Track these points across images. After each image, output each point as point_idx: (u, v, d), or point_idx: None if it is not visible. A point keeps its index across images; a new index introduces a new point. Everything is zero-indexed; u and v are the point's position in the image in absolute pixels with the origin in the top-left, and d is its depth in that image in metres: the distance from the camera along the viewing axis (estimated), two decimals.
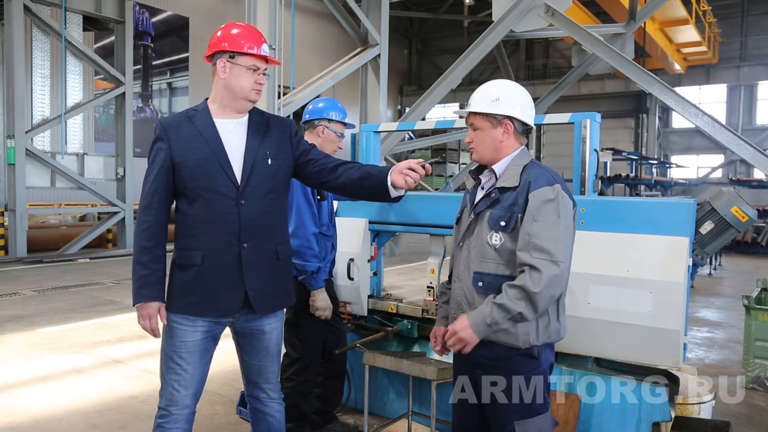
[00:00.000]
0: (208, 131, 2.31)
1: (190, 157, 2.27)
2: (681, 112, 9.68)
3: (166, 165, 2.29)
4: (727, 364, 5.35)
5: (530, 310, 2.02)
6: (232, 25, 2.36)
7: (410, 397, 3.36)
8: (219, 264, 2.29)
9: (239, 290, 2.31)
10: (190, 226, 2.29)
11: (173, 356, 2.31)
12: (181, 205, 2.32)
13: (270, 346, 2.46)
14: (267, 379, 2.49)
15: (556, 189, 2.09)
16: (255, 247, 2.32)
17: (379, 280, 3.85)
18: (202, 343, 2.34)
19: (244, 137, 2.35)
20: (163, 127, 2.32)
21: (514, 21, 10.62)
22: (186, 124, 2.32)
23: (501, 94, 2.19)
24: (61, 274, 9.75)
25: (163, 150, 2.29)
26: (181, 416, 2.32)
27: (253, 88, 2.32)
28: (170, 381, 2.31)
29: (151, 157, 2.33)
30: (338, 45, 24.46)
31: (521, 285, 2.01)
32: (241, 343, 2.47)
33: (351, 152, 4.03)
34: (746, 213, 3.05)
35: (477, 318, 2.06)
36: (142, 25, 18.82)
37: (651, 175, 20.67)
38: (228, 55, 2.29)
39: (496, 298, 2.04)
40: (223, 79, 2.31)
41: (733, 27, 24.40)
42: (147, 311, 2.28)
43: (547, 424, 2.16)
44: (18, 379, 4.57)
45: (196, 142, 2.29)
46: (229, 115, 2.36)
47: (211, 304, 2.30)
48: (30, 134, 11.49)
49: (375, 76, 11.69)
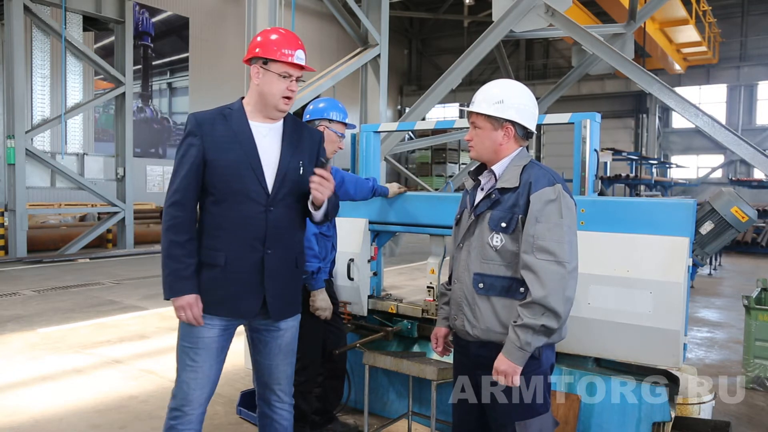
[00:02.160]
0: (242, 133, 2.30)
1: (223, 157, 2.26)
2: (681, 112, 9.68)
3: (198, 162, 2.26)
4: (727, 364, 5.35)
5: (551, 318, 2.00)
6: (270, 31, 2.36)
7: (410, 397, 3.36)
8: (242, 267, 2.29)
9: (259, 295, 2.32)
10: (217, 226, 2.29)
11: (189, 353, 2.31)
12: (209, 204, 2.31)
13: (283, 345, 2.46)
14: (279, 381, 2.47)
15: (558, 189, 2.09)
16: (278, 253, 2.33)
17: (379, 280, 3.85)
18: (219, 340, 2.34)
19: (278, 143, 2.36)
20: (197, 122, 2.29)
21: (514, 21, 10.62)
22: (221, 122, 2.30)
23: (505, 96, 2.17)
24: (61, 274, 9.75)
25: (195, 146, 2.26)
26: (195, 416, 2.32)
27: (283, 95, 2.31)
28: (186, 379, 2.31)
29: (181, 152, 2.29)
30: (338, 45, 24.46)
31: (530, 300, 2.01)
32: (255, 341, 2.47)
33: (351, 152, 4.03)
34: (746, 213, 3.05)
35: (509, 348, 2.04)
36: (142, 25, 18.82)
37: (651, 176, 20.66)
38: (261, 60, 2.29)
39: (515, 322, 2.03)
40: (256, 84, 2.31)
41: (733, 27, 24.40)
42: (184, 302, 2.24)
43: (547, 424, 2.16)
44: (18, 379, 4.57)
45: (231, 142, 2.28)
46: (263, 119, 2.36)
47: (229, 305, 2.30)
48: (30, 134, 11.48)
49: (375, 76, 11.69)
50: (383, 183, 3.65)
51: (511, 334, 2.04)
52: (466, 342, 2.24)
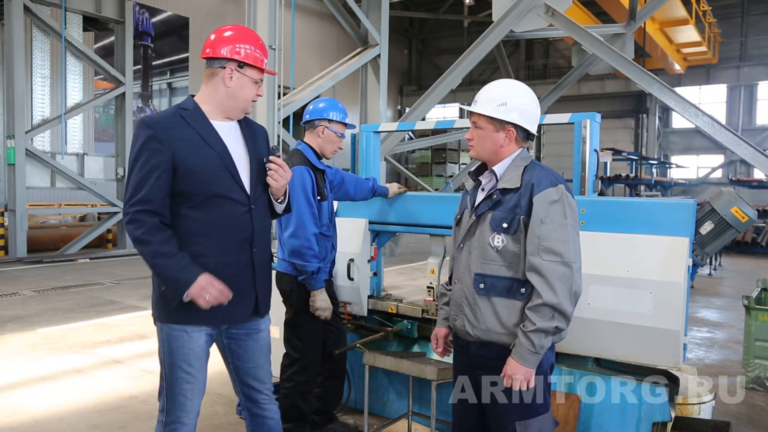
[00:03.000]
0: (209, 135, 2.22)
1: (196, 161, 2.16)
2: (681, 112, 9.69)
3: (167, 168, 2.12)
4: (727, 364, 5.35)
5: (562, 320, 2.01)
6: (240, 30, 2.31)
7: (410, 397, 3.35)
8: (233, 270, 2.23)
9: (251, 296, 2.30)
10: (200, 231, 2.19)
11: (183, 366, 2.22)
12: (185, 210, 2.18)
13: (264, 345, 2.44)
14: (263, 380, 2.46)
15: (560, 189, 2.09)
16: (262, 251, 2.32)
17: (379, 280, 3.85)
18: (206, 346, 2.31)
19: (240, 141, 2.32)
20: (158, 127, 2.14)
21: (514, 21, 10.63)
22: (181, 125, 2.19)
23: (509, 98, 2.16)
24: (61, 274, 9.75)
25: (161, 152, 2.12)
26: (192, 425, 2.29)
27: (252, 99, 2.30)
28: (181, 391, 2.24)
29: (143, 158, 2.12)
30: (338, 45, 24.45)
31: (540, 303, 2.00)
32: (234, 347, 2.38)
33: (351, 152, 4.02)
34: (746, 213, 3.05)
35: (522, 353, 2.03)
36: (142, 25, 18.82)
37: (651, 176, 20.66)
38: (238, 64, 2.25)
39: (526, 327, 2.02)
40: (228, 86, 2.25)
41: (733, 27, 24.39)
42: (201, 285, 2.11)
43: (547, 424, 2.16)
44: (18, 379, 4.57)
45: (199, 145, 2.18)
46: (222, 119, 2.30)
47: (222, 312, 2.22)
48: (30, 134, 11.49)
49: (375, 76, 11.70)
50: (383, 183, 3.65)
51: (524, 339, 2.02)
52: (467, 342, 2.24)
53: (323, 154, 3.29)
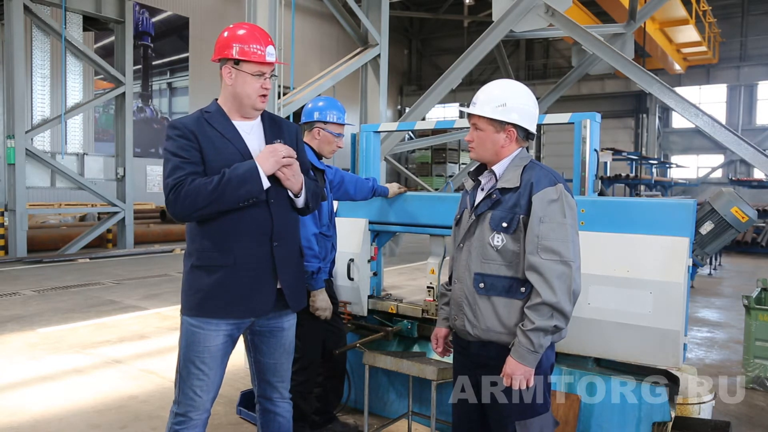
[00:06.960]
0: (230, 133, 2.29)
1: (219, 158, 2.23)
2: (681, 112, 9.70)
3: (197, 160, 2.21)
4: (727, 364, 5.35)
5: (561, 319, 2.02)
6: (237, 27, 2.32)
7: (410, 397, 3.36)
8: (252, 263, 2.26)
9: (271, 288, 2.31)
10: (217, 227, 2.24)
11: (195, 362, 2.27)
12: None
13: (287, 344, 2.46)
14: (282, 378, 2.49)
15: (559, 189, 2.10)
16: (284, 245, 2.34)
17: (379, 280, 3.85)
18: (224, 347, 2.32)
19: (262, 139, 2.36)
20: (186, 127, 2.24)
21: (514, 21, 10.64)
22: (204, 126, 2.27)
23: (508, 99, 2.16)
24: (61, 274, 9.75)
25: (191, 147, 2.21)
26: (201, 420, 2.31)
27: (258, 94, 2.30)
28: (192, 386, 2.27)
29: (175, 149, 2.21)
30: (338, 45, 24.48)
31: (539, 302, 2.00)
32: (257, 342, 2.44)
33: (351, 152, 4.02)
34: (746, 213, 3.05)
35: (521, 352, 2.03)
36: (142, 25, 18.84)
37: (651, 175, 20.68)
38: (232, 61, 2.27)
39: (525, 326, 2.02)
40: (229, 85, 2.29)
41: (733, 27, 24.40)
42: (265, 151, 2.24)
43: (547, 424, 2.16)
44: (18, 379, 4.57)
45: (222, 143, 2.26)
46: (241, 118, 2.35)
47: (241, 305, 2.26)
48: (30, 134, 11.48)
49: (375, 76, 11.69)
50: (383, 183, 3.65)
51: (522, 338, 2.02)
52: (467, 342, 2.24)
53: (322, 154, 3.30)
